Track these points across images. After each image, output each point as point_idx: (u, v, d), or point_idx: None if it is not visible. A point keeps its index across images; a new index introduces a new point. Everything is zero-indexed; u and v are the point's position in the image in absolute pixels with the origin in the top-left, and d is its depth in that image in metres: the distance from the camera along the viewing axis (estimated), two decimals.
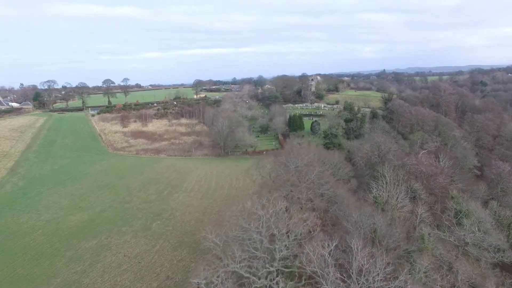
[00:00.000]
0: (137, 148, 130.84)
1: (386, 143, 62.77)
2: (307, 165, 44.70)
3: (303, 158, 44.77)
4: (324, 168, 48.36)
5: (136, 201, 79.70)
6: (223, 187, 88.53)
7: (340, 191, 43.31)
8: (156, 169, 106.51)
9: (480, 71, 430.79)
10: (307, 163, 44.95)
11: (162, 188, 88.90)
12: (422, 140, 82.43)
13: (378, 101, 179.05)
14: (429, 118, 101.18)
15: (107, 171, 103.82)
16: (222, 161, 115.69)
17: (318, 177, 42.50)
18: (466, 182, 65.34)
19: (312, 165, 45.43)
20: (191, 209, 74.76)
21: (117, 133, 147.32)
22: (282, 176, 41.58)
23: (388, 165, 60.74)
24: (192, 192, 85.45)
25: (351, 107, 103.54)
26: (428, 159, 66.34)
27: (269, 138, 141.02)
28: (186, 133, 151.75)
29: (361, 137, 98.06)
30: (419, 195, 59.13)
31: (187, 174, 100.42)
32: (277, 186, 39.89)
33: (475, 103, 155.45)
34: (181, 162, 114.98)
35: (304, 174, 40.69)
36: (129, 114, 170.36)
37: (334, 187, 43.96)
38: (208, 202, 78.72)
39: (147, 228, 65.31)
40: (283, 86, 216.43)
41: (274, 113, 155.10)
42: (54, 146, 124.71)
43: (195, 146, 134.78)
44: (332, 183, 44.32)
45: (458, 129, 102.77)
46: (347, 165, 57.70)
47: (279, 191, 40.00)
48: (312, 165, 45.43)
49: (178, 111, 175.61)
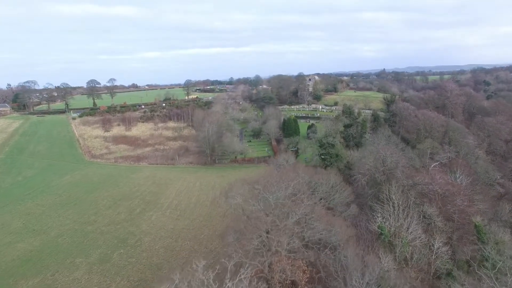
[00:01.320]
0: (117, 156, 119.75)
1: (392, 157, 52.00)
2: (293, 194, 34.04)
3: (288, 185, 34.07)
4: (315, 199, 37.74)
5: (101, 222, 68.71)
6: (204, 204, 77.55)
7: (335, 230, 32.39)
8: (133, 180, 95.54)
9: (482, 70, 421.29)
10: (293, 191, 34.28)
11: (135, 204, 77.96)
12: (432, 150, 71.72)
13: (380, 102, 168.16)
14: (437, 123, 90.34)
15: (77, 183, 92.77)
16: (208, 170, 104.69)
17: (306, 212, 31.75)
18: (488, 203, 54.55)
19: (300, 192, 34.75)
20: (163, 232, 63.80)
21: (98, 138, 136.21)
22: (257, 213, 30.85)
23: (396, 185, 49.77)
24: (168, 210, 74.50)
25: (351, 111, 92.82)
26: (442, 176, 55.37)
27: (261, 144, 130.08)
28: (172, 137, 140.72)
29: (362, 145, 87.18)
30: (434, 222, 48.22)
31: (166, 187, 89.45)
32: (251, 228, 29.07)
33: (483, 104, 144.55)
34: (162, 172, 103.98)
35: (286, 213, 29.92)
36: (113, 117, 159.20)
37: (326, 223, 33.07)
38: (184, 223, 67.76)
39: (106, 260, 54.31)
40: (279, 87, 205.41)
41: (267, 116, 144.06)
42: (23, 153, 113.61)
43: (180, 152, 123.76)
44: (325, 218, 33.43)
45: (470, 135, 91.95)
46: (346, 187, 46.97)
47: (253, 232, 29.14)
48: (300, 192, 34.75)
49: (166, 114, 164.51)
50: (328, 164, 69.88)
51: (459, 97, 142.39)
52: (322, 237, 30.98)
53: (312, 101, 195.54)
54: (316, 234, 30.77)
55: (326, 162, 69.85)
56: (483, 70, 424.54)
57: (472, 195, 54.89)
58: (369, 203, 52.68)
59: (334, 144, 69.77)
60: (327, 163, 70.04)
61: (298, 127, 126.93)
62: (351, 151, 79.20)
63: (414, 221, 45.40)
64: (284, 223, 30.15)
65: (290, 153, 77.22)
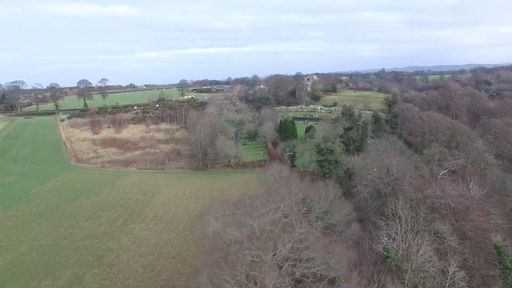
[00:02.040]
0: (104, 160, 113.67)
1: (399, 166, 46.07)
2: (284, 216, 28.09)
3: (277, 207, 28.07)
4: (311, 219, 31.97)
5: (78, 235, 62.63)
6: (192, 214, 71.31)
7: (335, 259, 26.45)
8: (119, 187, 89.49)
9: (482, 70, 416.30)
10: (284, 213, 28.34)
11: (118, 215, 71.93)
12: (439, 155, 65.75)
13: (380, 102, 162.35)
14: (443, 125, 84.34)
15: (59, 190, 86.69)
16: (199, 176, 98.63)
17: (299, 239, 25.82)
18: (506, 217, 48.68)
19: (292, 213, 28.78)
20: (145, 248, 57.78)
21: (86, 141, 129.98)
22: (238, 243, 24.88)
23: (403, 199, 43.78)
24: (152, 222, 68.45)
25: (351, 113, 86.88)
26: (454, 187, 49.44)
27: (257, 147, 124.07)
28: (164, 140, 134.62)
29: (364, 149, 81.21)
30: (448, 241, 42.25)
31: (153, 194, 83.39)
32: (230, 263, 23.14)
33: (488, 105, 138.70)
34: (150, 177, 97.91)
35: (274, 243, 23.98)
36: (104, 118, 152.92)
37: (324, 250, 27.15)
38: (168, 237, 61.72)
39: (77, 282, 48.27)
40: (276, 87, 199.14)
41: (264, 117, 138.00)
42: (5, 158, 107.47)
43: (172, 156, 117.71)
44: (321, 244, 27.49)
45: (477, 138, 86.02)
46: (346, 203, 40.99)
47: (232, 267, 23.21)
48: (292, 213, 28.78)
49: (158, 115, 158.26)
50: (326, 171, 63.99)
51: (463, 97, 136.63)
52: (318, 270, 25.09)
53: (311, 101, 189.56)
54: (311, 268, 24.86)
55: (324, 169, 64.00)
56: (484, 70, 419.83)
57: (488, 209, 49.01)
58: (373, 218, 46.64)
59: (333, 150, 63.89)
60: (325, 170, 64.17)
61: (295, 130, 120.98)
62: (351, 156, 73.27)
63: (424, 241, 39.49)
64: (271, 255, 24.31)
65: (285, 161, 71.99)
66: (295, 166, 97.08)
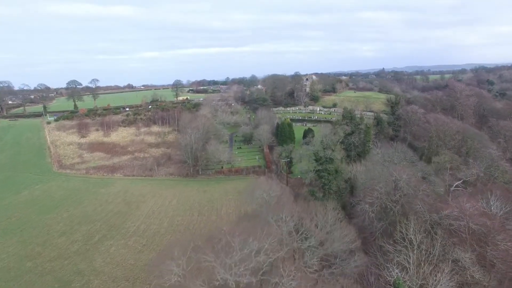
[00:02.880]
0: (90, 165, 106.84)
1: (410, 181, 39.33)
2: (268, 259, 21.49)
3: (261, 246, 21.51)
4: (302, 265, 25.43)
5: (47, 255, 55.80)
6: (177, 229, 64.72)
7: None
8: (101, 196, 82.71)
9: (484, 69, 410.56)
10: (268, 256, 21.67)
11: (95, 230, 65.14)
12: (451, 164, 58.95)
13: (382, 103, 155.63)
14: (452, 129, 77.53)
15: (34, 201, 79.89)
16: (189, 183, 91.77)
17: None
18: None
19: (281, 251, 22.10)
20: (120, 271, 50.99)
21: (71, 145, 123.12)
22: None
23: (416, 221, 37.05)
24: (133, 238, 61.65)
25: (352, 116, 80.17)
26: (473, 203, 42.72)
27: (252, 151, 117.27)
28: (155, 144, 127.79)
29: (366, 155, 74.51)
30: (472, 272, 35.61)
31: (138, 205, 76.62)
32: None
33: (496, 106, 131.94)
34: (137, 185, 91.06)
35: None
36: (93, 121, 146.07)
37: None
38: (148, 256, 54.78)
39: None
40: (274, 87, 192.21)
41: (260, 119, 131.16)
42: None
43: (162, 161, 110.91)
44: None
45: (489, 142, 79.24)
46: (349, 229, 34.21)
47: None
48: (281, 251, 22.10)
49: (150, 117, 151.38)
50: (325, 182, 57.31)
51: (469, 98, 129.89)
52: None
53: (309, 102, 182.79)
54: None
55: (323, 180, 57.34)
56: (485, 69, 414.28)
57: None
58: (379, 242, 39.85)
59: (333, 159, 57.23)
60: (324, 181, 57.49)
61: (293, 133, 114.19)
62: (353, 164, 66.54)
63: (445, 276, 32.76)
64: None
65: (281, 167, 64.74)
66: (292, 172, 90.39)
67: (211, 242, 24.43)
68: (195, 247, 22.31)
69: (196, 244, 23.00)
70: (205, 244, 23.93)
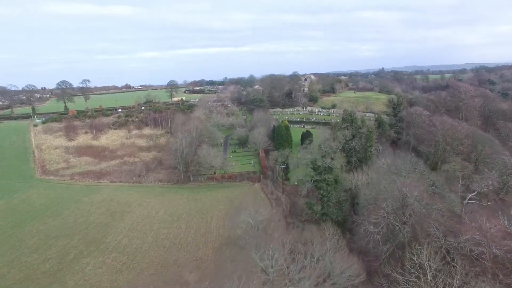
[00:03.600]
0: (75, 171, 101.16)
1: (422, 198, 33.68)
2: None
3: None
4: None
5: (13, 276, 50.09)
6: (162, 243, 59.11)
7: None
8: (84, 206, 77.05)
9: (484, 69, 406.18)
10: None
11: (73, 245, 59.48)
12: (463, 173, 53.54)
13: (383, 104, 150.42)
14: (461, 133, 71.97)
15: (12, 211, 74.20)
16: (179, 191, 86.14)
17: None
18: None
19: None
20: None
21: (58, 149, 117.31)
22: None
23: (429, 246, 31.49)
24: (112, 255, 56.02)
25: (352, 119, 74.67)
26: (494, 222, 37.20)
27: (248, 155, 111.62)
28: (146, 147, 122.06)
29: (368, 161, 68.97)
30: None
31: (122, 216, 70.97)
32: None
33: (502, 107, 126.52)
34: (123, 193, 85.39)
35: None
36: (82, 123, 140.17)
37: None
38: (127, 277, 49.28)
39: None
40: (271, 87, 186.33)
41: (256, 121, 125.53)
42: None
43: (152, 166, 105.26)
44: None
45: (501, 147, 73.77)
46: (352, 261, 28.74)
47: None
48: None
49: (142, 119, 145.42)
50: (324, 194, 51.85)
51: (474, 98, 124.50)
52: None
53: (308, 103, 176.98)
54: None
55: (322, 191, 51.89)
56: (486, 69, 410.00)
57: None
58: (385, 269, 34.25)
59: (332, 168, 51.81)
60: (323, 193, 52.04)
61: (290, 136, 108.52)
62: (354, 172, 60.96)
63: None
64: None
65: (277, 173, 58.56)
66: (289, 179, 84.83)
67: None
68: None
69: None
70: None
